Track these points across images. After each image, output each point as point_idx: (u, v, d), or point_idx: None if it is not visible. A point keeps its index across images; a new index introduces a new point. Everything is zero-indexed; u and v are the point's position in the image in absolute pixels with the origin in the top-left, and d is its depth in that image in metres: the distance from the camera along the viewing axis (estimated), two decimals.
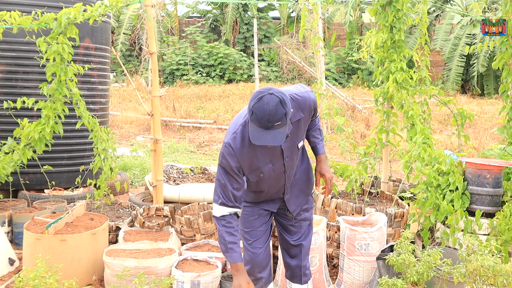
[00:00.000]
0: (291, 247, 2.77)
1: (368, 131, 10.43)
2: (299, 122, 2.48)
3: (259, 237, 2.69)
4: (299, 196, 2.70)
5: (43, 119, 4.23)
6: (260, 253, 2.69)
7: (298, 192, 2.70)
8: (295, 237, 2.75)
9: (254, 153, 2.41)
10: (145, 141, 10.05)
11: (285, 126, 2.21)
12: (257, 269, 2.70)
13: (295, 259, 2.78)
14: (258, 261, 2.69)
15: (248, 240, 2.70)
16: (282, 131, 2.20)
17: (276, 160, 2.50)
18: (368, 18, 18.73)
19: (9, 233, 4.32)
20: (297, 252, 2.77)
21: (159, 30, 18.64)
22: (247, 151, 2.39)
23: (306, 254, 2.80)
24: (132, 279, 3.11)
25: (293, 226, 2.75)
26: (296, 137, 2.51)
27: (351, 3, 19.89)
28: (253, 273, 2.70)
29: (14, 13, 4.09)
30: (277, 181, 2.59)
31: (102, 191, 4.44)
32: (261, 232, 2.70)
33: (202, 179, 5.90)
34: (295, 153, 2.56)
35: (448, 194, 3.88)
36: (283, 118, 2.17)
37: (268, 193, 2.66)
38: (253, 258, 2.69)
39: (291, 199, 2.69)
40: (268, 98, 2.15)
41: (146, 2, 4.32)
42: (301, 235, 2.75)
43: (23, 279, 2.72)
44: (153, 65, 4.38)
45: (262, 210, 2.71)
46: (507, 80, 4.54)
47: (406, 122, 4.40)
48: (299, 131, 2.51)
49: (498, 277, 2.68)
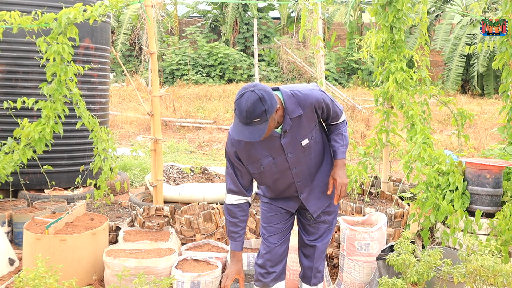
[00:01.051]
0: (306, 246, 2.81)
1: (368, 131, 10.44)
2: (300, 118, 2.47)
3: (275, 233, 2.74)
4: (320, 198, 2.69)
5: (43, 119, 4.23)
6: (274, 248, 2.74)
7: (319, 194, 2.69)
8: (311, 238, 2.78)
9: (252, 144, 2.49)
10: (145, 141, 10.05)
11: (266, 123, 2.26)
12: (269, 263, 2.75)
13: (308, 260, 2.81)
14: (271, 256, 2.74)
15: (264, 234, 2.77)
16: (261, 127, 2.26)
17: (277, 155, 2.52)
18: (368, 18, 18.73)
19: (9, 233, 4.32)
20: (310, 252, 2.79)
21: (159, 30, 18.64)
22: (245, 142, 2.49)
23: (319, 257, 2.80)
24: (132, 279, 3.11)
25: (311, 226, 2.77)
26: (298, 133, 2.50)
27: (351, 3, 19.90)
28: (265, 266, 2.75)
29: (14, 13, 4.09)
30: (282, 177, 2.60)
31: (102, 191, 4.44)
32: (278, 229, 2.74)
33: (202, 179, 5.90)
34: (300, 151, 2.55)
35: (448, 194, 3.88)
36: (262, 115, 2.22)
37: (278, 189, 2.67)
38: (267, 252, 2.75)
39: (311, 200, 2.69)
40: (248, 95, 2.21)
41: (146, 2, 4.33)
42: (317, 236, 2.77)
43: (23, 279, 2.72)
44: (153, 65, 4.38)
45: (280, 208, 2.74)
46: (507, 80, 4.54)
47: (406, 122, 4.40)
48: (301, 128, 2.50)
49: (498, 277, 2.68)
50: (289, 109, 2.43)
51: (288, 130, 2.47)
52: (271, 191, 2.72)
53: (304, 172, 2.62)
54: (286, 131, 2.47)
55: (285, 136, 2.48)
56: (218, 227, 4.01)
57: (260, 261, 2.77)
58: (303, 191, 2.67)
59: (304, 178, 2.64)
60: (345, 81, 18.64)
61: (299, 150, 2.55)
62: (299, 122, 2.49)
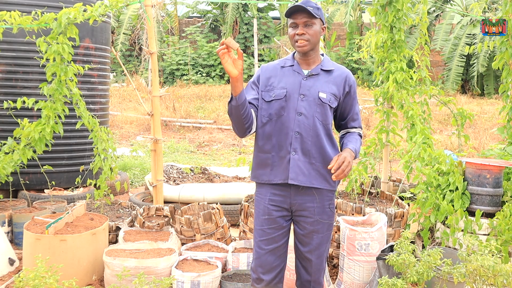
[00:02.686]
0: (303, 258, 2.71)
1: (368, 131, 10.43)
2: (329, 75, 2.59)
3: (265, 238, 2.64)
4: (307, 176, 2.55)
5: (43, 119, 4.23)
6: (263, 254, 2.64)
7: (309, 166, 2.56)
8: (306, 248, 2.67)
9: (275, 72, 2.64)
10: (145, 141, 10.05)
11: (316, 19, 2.50)
12: (260, 269, 2.66)
13: (306, 273, 2.72)
14: (261, 262, 2.65)
15: (256, 238, 2.69)
16: (313, 11, 2.47)
17: (292, 92, 2.57)
18: (368, 18, 18.74)
19: (9, 233, 4.32)
20: (307, 265, 2.70)
21: (159, 30, 18.65)
22: (273, 68, 2.66)
23: (318, 269, 2.70)
24: (132, 279, 3.11)
25: (305, 236, 2.66)
26: (321, 86, 2.57)
27: (351, 3, 19.90)
28: (256, 272, 2.67)
29: (14, 13, 4.09)
30: (287, 119, 2.55)
31: (102, 191, 4.44)
32: (268, 234, 2.63)
33: (202, 179, 5.90)
34: (313, 101, 2.54)
35: (448, 194, 3.88)
36: (315, 9, 2.49)
37: (276, 136, 2.57)
38: (257, 257, 2.67)
39: (298, 167, 2.55)
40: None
41: (146, 2, 4.33)
42: (312, 247, 2.65)
43: (23, 279, 2.72)
44: (153, 65, 4.38)
45: (272, 206, 2.62)
46: (507, 80, 4.55)
47: (406, 122, 4.40)
48: (326, 84, 2.58)
49: (498, 277, 2.68)
50: (324, 61, 2.62)
51: (313, 77, 2.57)
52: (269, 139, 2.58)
53: (307, 127, 2.54)
54: (312, 75, 2.57)
55: (308, 80, 2.57)
56: (218, 227, 4.01)
57: (252, 264, 2.70)
58: (296, 149, 2.54)
59: (304, 132, 2.54)
60: None
61: (313, 100, 2.55)
62: (327, 78, 2.59)
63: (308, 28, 2.50)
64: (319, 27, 2.54)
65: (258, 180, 2.68)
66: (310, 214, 2.61)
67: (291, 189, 2.60)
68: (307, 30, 2.50)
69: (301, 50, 2.54)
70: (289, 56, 2.70)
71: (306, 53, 2.57)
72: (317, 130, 2.56)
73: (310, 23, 2.50)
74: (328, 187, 2.61)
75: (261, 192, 2.67)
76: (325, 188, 2.61)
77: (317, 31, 2.52)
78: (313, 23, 2.51)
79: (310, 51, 2.56)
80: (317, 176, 2.58)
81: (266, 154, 2.62)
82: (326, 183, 2.60)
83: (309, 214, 2.62)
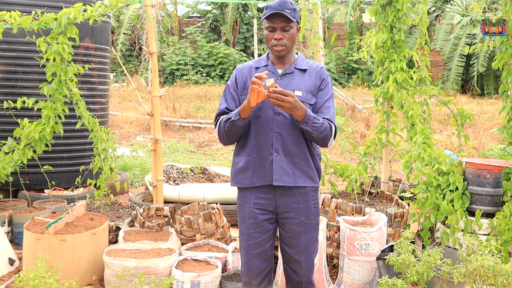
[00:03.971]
0: (291, 261, 2.68)
1: (368, 131, 10.44)
2: (303, 73, 2.59)
3: (252, 242, 2.62)
4: (290, 176, 2.54)
5: (43, 119, 4.23)
6: (250, 259, 2.64)
7: (292, 166, 2.55)
8: (294, 250, 2.65)
9: (250, 73, 2.63)
10: (145, 141, 10.05)
11: (293, 22, 2.51)
12: (248, 273, 2.66)
13: (296, 275, 2.70)
14: (248, 266, 2.65)
15: (243, 242, 2.67)
16: (290, 15, 2.48)
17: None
18: (368, 18, 18.73)
19: (9, 233, 4.32)
20: (297, 267, 2.68)
21: (159, 30, 18.65)
22: (248, 69, 2.66)
23: (308, 270, 2.69)
24: (132, 279, 3.11)
25: (292, 238, 2.63)
26: (296, 84, 2.57)
27: (351, 3, 19.89)
28: (245, 275, 2.67)
29: (14, 13, 4.09)
30: (265, 119, 2.54)
31: (102, 191, 4.44)
32: (255, 238, 2.62)
33: (202, 179, 5.90)
34: None
35: (448, 194, 3.88)
36: (292, 11, 2.49)
37: (256, 138, 2.55)
38: (245, 262, 2.67)
39: (280, 168, 2.53)
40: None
41: (146, 2, 4.33)
42: (300, 248, 2.63)
43: (23, 279, 2.72)
44: (153, 65, 4.38)
45: (257, 209, 2.59)
46: (507, 80, 4.55)
47: (406, 122, 4.40)
48: (300, 82, 2.58)
49: (498, 277, 2.68)
50: (298, 59, 2.63)
51: (288, 75, 2.58)
52: (248, 142, 2.58)
53: (286, 127, 2.53)
54: (286, 73, 2.58)
55: (282, 79, 2.58)
56: (218, 227, 4.01)
57: (242, 268, 2.70)
58: (278, 150, 2.53)
59: (284, 132, 2.53)
60: (345, 81, 18.64)
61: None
62: (301, 75, 2.59)
63: (286, 32, 2.52)
64: (295, 30, 2.56)
65: (240, 185, 2.65)
66: (296, 215, 2.60)
67: (275, 191, 2.58)
68: (284, 35, 2.52)
69: (278, 55, 2.57)
70: (263, 56, 2.71)
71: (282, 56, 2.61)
72: (297, 129, 2.55)
73: (288, 28, 2.52)
74: (312, 184, 2.62)
75: (244, 196, 2.65)
76: (309, 186, 2.61)
77: (294, 34, 2.55)
78: (290, 27, 2.53)
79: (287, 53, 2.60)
80: (301, 175, 2.58)
81: (246, 157, 2.60)
82: (311, 180, 2.61)
83: (295, 215, 2.60)
